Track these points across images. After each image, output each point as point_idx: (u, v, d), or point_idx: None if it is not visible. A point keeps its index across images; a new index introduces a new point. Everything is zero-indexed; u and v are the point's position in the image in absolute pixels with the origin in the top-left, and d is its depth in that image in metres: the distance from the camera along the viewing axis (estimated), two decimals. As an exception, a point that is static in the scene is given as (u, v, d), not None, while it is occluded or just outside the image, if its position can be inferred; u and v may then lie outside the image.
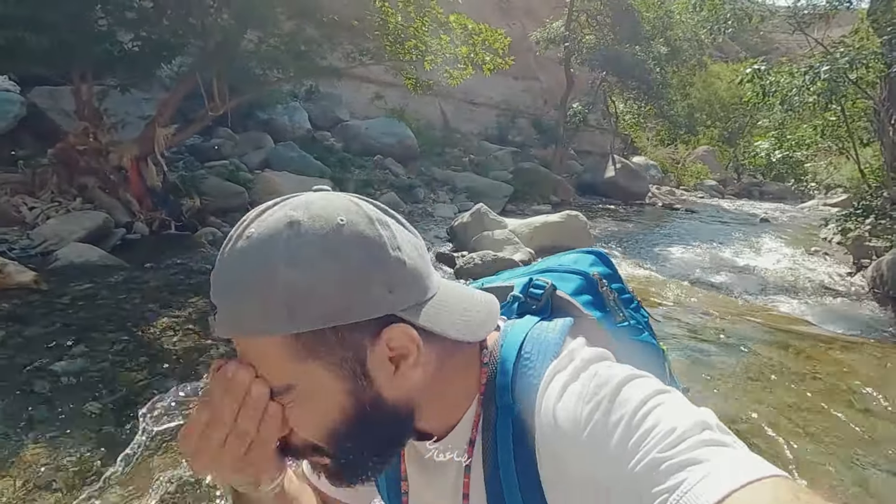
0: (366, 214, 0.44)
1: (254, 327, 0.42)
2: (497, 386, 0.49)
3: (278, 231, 0.42)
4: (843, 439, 2.75)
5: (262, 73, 6.89)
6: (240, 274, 0.42)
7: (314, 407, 0.44)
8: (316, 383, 0.43)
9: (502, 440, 0.47)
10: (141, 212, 6.29)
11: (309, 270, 0.40)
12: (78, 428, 2.46)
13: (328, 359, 0.42)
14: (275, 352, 0.42)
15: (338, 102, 12.44)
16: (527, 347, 0.50)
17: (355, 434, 0.45)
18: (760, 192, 20.02)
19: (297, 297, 0.40)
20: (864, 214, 6.98)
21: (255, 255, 0.41)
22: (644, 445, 0.39)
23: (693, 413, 0.41)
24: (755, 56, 24.91)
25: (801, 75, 6.40)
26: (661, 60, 13.67)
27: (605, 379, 0.44)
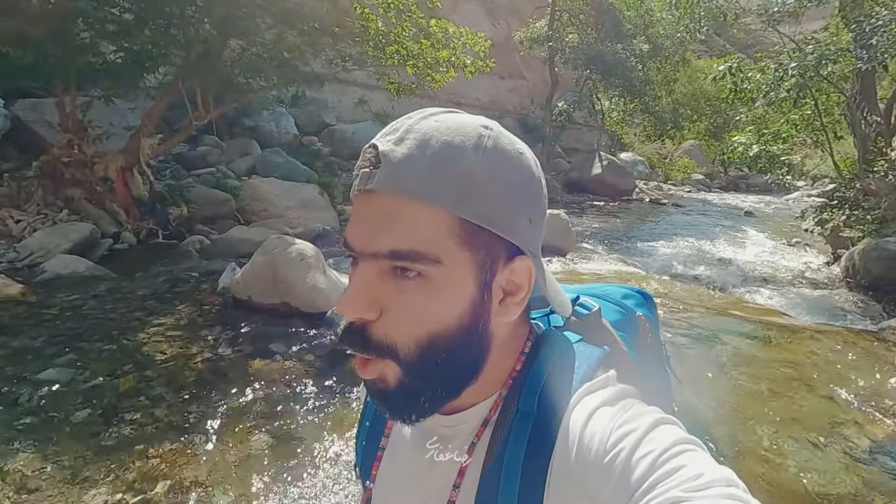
0: (533, 157, 0.48)
1: (426, 192, 0.41)
2: (525, 388, 0.48)
3: (474, 126, 0.44)
4: (805, 424, 2.87)
5: (246, 81, 6.96)
6: (427, 140, 0.42)
7: (435, 299, 0.43)
8: (455, 273, 0.43)
9: (515, 444, 0.46)
10: (128, 222, 6.36)
11: (492, 170, 0.43)
12: (66, 436, 2.55)
13: (476, 256, 0.43)
14: (435, 224, 0.42)
15: (324, 107, 12.51)
16: (565, 360, 0.50)
17: (451, 348, 0.44)
18: (747, 185, 20.25)
19: (474, 185, 0.42)
20: (839, 206, 7.16)
21: (448, 132, 0.43)
22: (665, 483, 0.38)
23: (721, 468, 0.39)
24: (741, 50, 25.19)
25: (771, 72, 6.56)
26: (643, 58, 13.84)
27: (639, 413, 0.44)
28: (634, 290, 0.68)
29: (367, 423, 0.62)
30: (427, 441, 0.53)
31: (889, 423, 2.85)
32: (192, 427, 2.70)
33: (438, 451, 0.51)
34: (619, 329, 0.60)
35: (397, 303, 0.43)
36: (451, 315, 0.43)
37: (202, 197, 7.26)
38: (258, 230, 6.75)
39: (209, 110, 6.75)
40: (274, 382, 3.15)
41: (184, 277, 4.98)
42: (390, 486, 0.57)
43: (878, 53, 5.72)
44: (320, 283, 3.95)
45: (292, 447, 2.58)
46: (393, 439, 0.58)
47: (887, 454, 2.59)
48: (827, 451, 2.61)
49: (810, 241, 8.65)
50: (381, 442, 0.58)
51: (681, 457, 0.39)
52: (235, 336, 3.65)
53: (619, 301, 0.65)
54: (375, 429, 0.60)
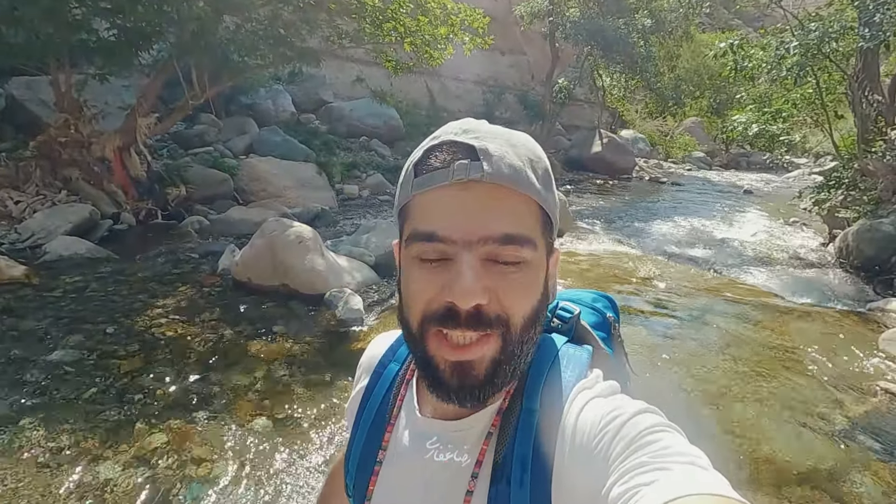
0: None
1: (526, 184, 0.48)
2: (527, 387, 0.53)
3: (522, 134, 0.52)
4: (789, 403, 2.97)
5: (242, 59, 6.87)
6: (513, 139, 0.50)
7: (531, 280, 0.49)
8: (541, 256, 0.50)
9: (523, 437, 0.50)
10: (127, 202, 6.38)
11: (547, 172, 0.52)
12: (74, 415, 2.64)
13: (547, 241, 0.52)
14: (533, 212, 0.49)
15: (321, 84, 12.34)
16: (559, 359, 0.55)
17: (539, 320, 0.52)
18: (748, 163, 20.11)
19: (549, 180, 0.51)
20: (837, 186, 7.16)
21: (515, 134, 0.51)
22: (638, 453, 0.43)
23: (691, 446, 0.44)
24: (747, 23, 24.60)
25: (772, 50, 6.48)
26: (645, 33, 13.58)
27: (626, 403, 0.49)
28: (601, 295, 0.73)
29: (360, 440, 0.62)
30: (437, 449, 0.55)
31: (869, 402, 2.95)
32: (195, 406, 2.80)
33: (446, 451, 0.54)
34: (597, 330, 0.65)
35: (504, 285, 0.47)
36: (541, 292, 0.51)
37: (200, 177, 7.26)
38: (257, 210, 6.77)
39: (205, 89, 6.69)
40: (274, 363, 3.24)
41: (184, 259, 5.04)
42: (393, 495, 0.58)
43: (881, 31, 5.64)
44: (318, 265, 4.01)
45: (293, 426, 2.69)
46: (391, 452, 0.59)
47: (866, 432, 2.69)
48: (809, 429, 2.71)
49: (808, 220, 8.67)
50: (379, 456, 0.59)
51: (656, 435, 0.44)
52: (236, 317, 3.73)
53: (591, 305, 0.70)
54: (371, 443, 0.60)
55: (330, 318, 3.74)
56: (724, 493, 0.38)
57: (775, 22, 15.38)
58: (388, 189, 9.74)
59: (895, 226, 5.67)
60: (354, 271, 4.33)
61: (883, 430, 2.72)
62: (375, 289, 4.34)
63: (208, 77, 6.71)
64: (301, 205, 7.60)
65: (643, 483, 0.40)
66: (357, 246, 4.80)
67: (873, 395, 3.01)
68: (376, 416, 0.62)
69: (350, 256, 4.55)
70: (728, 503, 0.37)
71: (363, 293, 4.14)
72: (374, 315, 3.90)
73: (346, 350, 3.43)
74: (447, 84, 15.95)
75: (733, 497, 0.38)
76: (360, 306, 3.73)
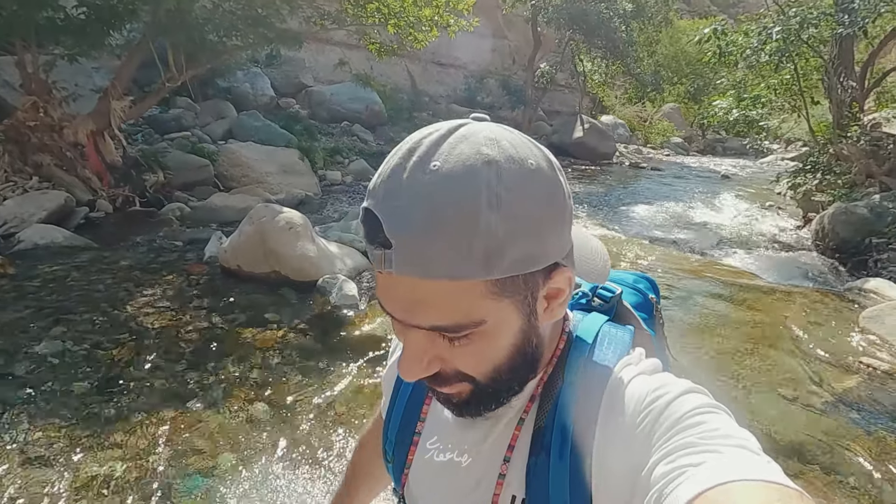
0: (546, 157, 0.44)
1: (445, 272, 0.39)
2: (570, 359, 0.52)
3: (477, 169, 0.38)
4: (775, 380, 3.08)
5: (219, 40, 6.64)
6: (435, 212, 0.37)
7: (488, 344, 0.45)
8: (498, 321, 0.43)
9: (564, 409, 0.49)
10: (102, 189, 6.15)
11: (509, 216, 0.38)
12: (65, 408, 2.56)
13: (516, 297, 0.43)
14: (469, 294, 0.41)
15: (301, 67, 12.07)
16: (602, 337, 0.54)
17: (515, 366, 0.47)
18: (724, 148, 20.53)
19: (496, 244, 0.38)
20: (812, 170, 7.36)
21: (454, 193, 0.38)
22: (685, 433, 0.42)
23: (741, 428, 0.43)
24: (723, 10, 24.93)
25: (755, 35, 6.57)
26: (626, 18, 13.63)
27: (671, 381, 0.48)
28: (642, 276, 0.72)
29: (399, 410, 0.62)
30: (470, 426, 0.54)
31: (851, 378, 3.08)
32: (189, 396, 2.74)
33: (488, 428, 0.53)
34: (638, 311, 0.64)
35: (455, 356, 0.45)
36: (507, 348, 0.46)
37: (179, 162, 7.04)
38: (239, 197, 6.62)
39: (182, 71, 6.46)
40: (268, 351, 3.19)
41: (167, 246, 4.90)
42: (428, 475, 0.58)
43: (858, 18, 5.77)
44: (310, 251, 3.95)
45: (292, 413, 2.66)
46: (430, 423, 0.59)
47: (851, 405, 2.81)
48: (797, 405, 2.82)
49: (783, 204, 8.92)
50: (417, 427, 0.59)
51: (703, 416, 0.43)
52: (226, 306, 3.66)
53: (633, 285, 0.69)
54: (411, 413, 0.61)
55: (324, 305, 3.70)
56: (777, 479, 0.36)
57: (751, 9, 15.63)
58: (371, 175, 9.46)
59: (869, 209, 5.87)
60: (345, 257, 4.28)
61: (866, 403, 2.84)
62: (367, 275, 4.30)
63: (185, 59, 6.47)
64: (284, 191, 7.46)
65: (690, 464, 0.39)
66: (347, 232, 4.74)
67: (856, 370, 3.14)
68: (414, 389, 0.62)
69: (340, 242, 4.49)
70: (781, 491, 0.35)
71: (355, 279, 4.10)
72: (368, 301, 3.87)
73: (342, 336, 3.40)
74: (429, 68, 15.76)
75: (787, 484, 0.36)
76: (354, 292, 3.70)
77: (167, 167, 6.87)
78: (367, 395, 2.83)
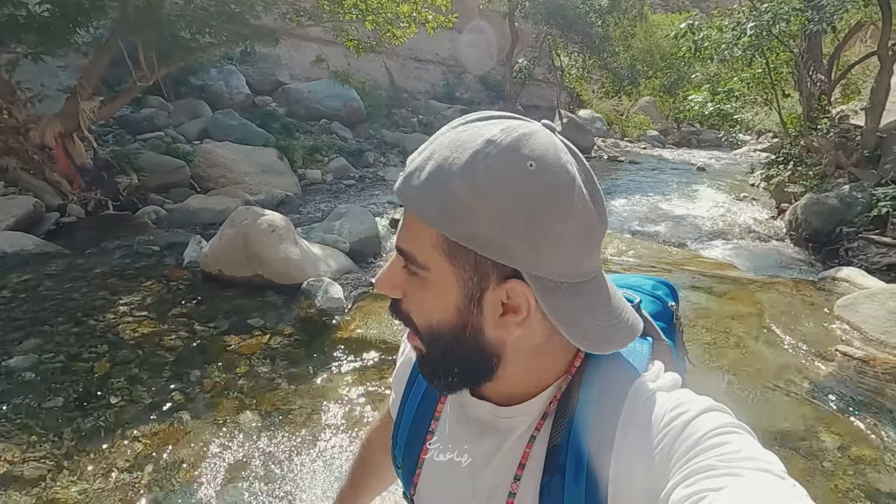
0: (564, 181, 0.43)
1: (416, 210, 0.44)
2: (586, 377, 0.51)
3: (474, 142, 0.43)
4: (756, 370, 3.16)
5: (193, 37, 6.46)
6: (431, 159, 0.44)
7: (429, 297, 0.47)
8: (441, 281, 0.46)
9: (580, 429, 0.48)
10: (73, 193, 5.96)
11: (476, 194, 0.41)
12: (42, 424, 2.47)
13: (459, 270, 0.45)
14: (428, 236, 0.45)
15: (277, 64, 11.84)
16: (620, 352, 0.52)
17: (447, 343, 0.48)
18: (698, 141, 20.89)
19: (457, 209, 0.42)
20: (785, 162, 7.56)
21: (447, 152, 0.43)
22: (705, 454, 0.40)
23: (765, 450, 0.41)
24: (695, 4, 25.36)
25: (729, 30, 6.70)
26: (602, 13, 13.74)
27: (691, 399, 0.46)
28: (661, 282, 0.70)
29: (412, 408, 0.62)
30: (486, 430, 0.54)
31: (829, 365, 3.17)
32: (175, 407, 2.68)
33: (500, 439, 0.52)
34: (657, 320, 0.62)
35: (408, 292, 0.49)
36: (442, 313, 0.47)
37: (153, 164, 6.85)
38: (218, 199, 6.47)
39: (154, 69, 6.27)
40: (255, 357, 3.13)
41: (144, 252, 4.76)
42: (439, 477, 0.58)
43: (826, 13, 5.92)
44: (293, 254, 3.89)
45: (281, 420, 2.62)
46: (442, 425, 0.59)
47: (829, 392, 2.90)
48: (778, 393, 2.89)
49: (757, 195, 9.13)
50: (431, 426, 0.60)
51: (725, 436, 0.41)
52: (209, 311, 3.58)
53: (652, 292, 0.67)
54: (425, 409, 0.61)
55: (309, 308, 3.65)
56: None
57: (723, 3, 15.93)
58: (351, 173, 9.52)
59: (839, 199, 6.06)
60: (329, 259, 4.22)
61: (844, 389, 2.93)
62: (353, 276, 4.26)
63: (157, 56, 6.28)
64: (263, 191, 7.33)
65: (710, 488, 0.37)
66: (330, 233, 4.68)
67: (832, 359, 3.23)
68: (427, 388, 0.61)
69: (324, 244, 4.43)
70: None
71: (341, 281, 4.05)
72: (354, 302, 3.83)
73: (329, 339, 3.36)
74: (406, 64, 15.65)
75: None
76: (340, 295, 3.65)
77: (141, 169, 6.68)
78: (359, 399, 2.80)
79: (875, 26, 9.06)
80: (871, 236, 5.46)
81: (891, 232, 5.31)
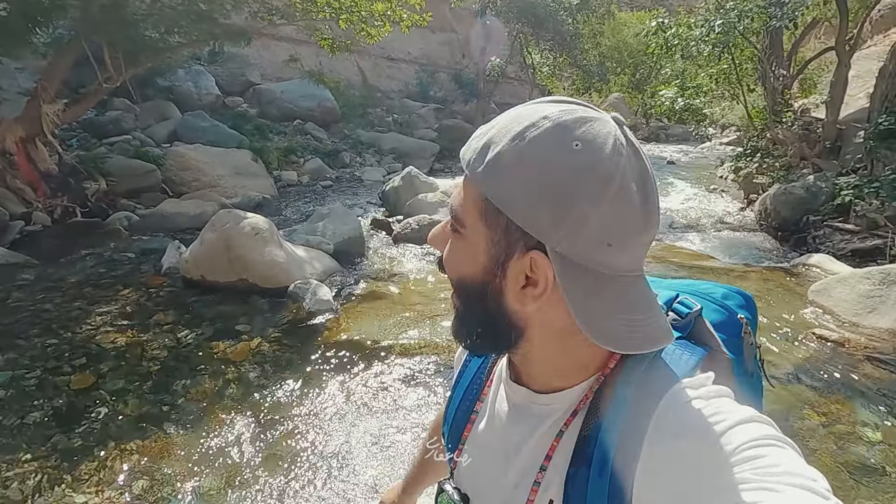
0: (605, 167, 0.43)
1: (469, 168, 0.47)
2: (622, 375, 0.50)
3: (533, 116, 0.45)
4: (738, 355, 3.26)
5: (161, 37, 6.26)
6: (491, 130, 0.47)
7: (461, 253, 0.51)
8: (474, 239, 0.49)
9: (611, 425, 0.48)
10: (38, 200, 5.70)
11: (517, 158, 0.44)
12: (18, 441, 2.37)
13: (491, 232, 0.47)
14: (469, 195, 0.48)
15: (247, 64, 11.58)
16: (666, 354, 0.51)
17: (470, 299, 0.51)
18: (666, 135, 21.40)
19: (498, 167, 0.45)
20: (752, 154, 7.82)
21: (507, 122, 0.46)
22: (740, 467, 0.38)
23: (808, 466, 0.38)
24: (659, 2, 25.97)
25: (698, 27, 6.89)
26: (572, 10, 13.94)
27: (730, 409, 0.44)
28: (734, 291, 0.66)
29: (462, 388, 0.65)
30: (520, 417, 0.55)
31: (807, 349, 3.30)
32: (164, 418, 2.60)
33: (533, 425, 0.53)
34: (719, 330, 0.58)
35: (449, 247, 0.52)
36: (469, 270, 0.50)
37: (121, 168, 6.61)
38: (193, 203, 6.30)
39: (121, 70, 6.05)
40: (244, 364, 3.06)
41: (118, 259, 4.60)
42: (477, 456, 0.59)
43: (789, 10, 6.15)
44: (278, 257, 3.81)
45: (274, 427, 2.56)
46: (486, 407, 0.61)
47: (808, 374, 3.02)
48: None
49: (725, 187, 9.42)
50: (476, 406, 0.62)
51: (763, 449, 0.39)
52: (193, 319, 3.48)
53: (719, 301, 0.63)
54: (473, 390, 0.63)
55: (297, 311, 3.59)
56: None
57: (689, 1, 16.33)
58: (328, 174, 9.41)
59: (805, 189, 6.30)
60: (314, 261, 4.16)
61: (820, 371, 3.06)
62: (339, 277, 4.21)
63: (123, 57, 6.06)
64: (239, 194, 7.17)
65: (743, 502, 0.36)
66: (313, 234, 4.61)
67: (809, 341, 3.37)
68: (478, 369, 0.64)
69: (308, 246, 4.36)
70: None
71: (327, 283, 4.00)
72: (343, 304, 3.79)
73: (320, 342, 3.31)
74: (379, 63, 15.54)
75: None
76: (329, 296, 3.61)
77: (109, 174, 6.44)
78: (354, 400, 2.77)
79: (829, 23, 9.48)
80: (835, 224, 5.70)
81: (853, 219, 5.56)
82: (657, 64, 17.33)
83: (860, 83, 7.91)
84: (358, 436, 2.50)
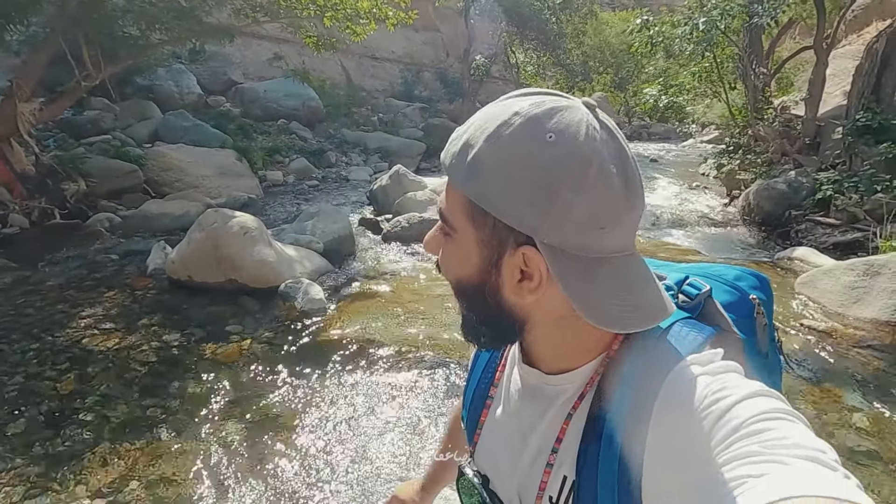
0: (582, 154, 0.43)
1: (450, 174, 0.48)
2: (631, 354, 0.50)
3: (505, 113, 0.46)
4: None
5: (141, 34, 6.12)
6: (467, 132, 0.48)
7: (455, 256, 0.52)
8: (465, 242, 0.50)
9: (619, 403, 0.48)
10: (14, 201, 5.53)
11: (494, 157, 0.45)
12: (7, 449, 2.28)
13: (480, 233, 0.48)
14: (454, 199, 0.49)
15: (229, 63, 11.41)
16: (672, 333, 0.51)
17: (470, 300, 0.52)
18: (648, 134, 21.69)
19: (476, 169, 0.45)
20: (734, 151, 7.96)
21: (480, 123, 0.47)
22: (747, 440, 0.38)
23: (817, 438, 0.38)
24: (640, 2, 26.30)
25: (681, 26, 6.98)
26: (556, 10, 14.03)
27: (737, 384, 0.43)
28: (748, 272, 0.65)
29: (478, 373, 0.66)
30: (533, 398, 0.56)
31: (797, 339, 3.36)
32: (154, 422, 2.53)
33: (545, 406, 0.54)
34: (730, 311, 0.58)
35: (443, 251, 0.53)
36: (464, 272, 0.51)
37: (101, 169, 6.44)
38: (176, 203, 6.17)
39: (100, 68, 5.89)
40: (234, 365, 3.01)
41: (101, 261, 4.47)
42: (495, 437, 0.61)
43: (770, 8, 6.27)
44: (268, 256, 3.75)
45: (265, 430, 2.51)
46: (501, 391, 0.63)
47: (798, 364, 3.07)
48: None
49: (708, 184, 9.58)
50: (491, 391, 0.64)
51: (770, 422, 0.39)
52: (181, 321, 3.40)
53: (731, 282, 0.63)
54: (487, 375, 0.65)
55: (289, 311, 3.53)
56: (853, 498, 0.32)
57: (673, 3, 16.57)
58: (313, 173, 9.31)
59: (787, 184, 6.44)
60: (304, 260, 4.11)
61: (810, 361, 3.12)
62: (329, 276, 4.16)
63: (102, 54, 5.90)
64: (224, 194, 7.05)
65: (750, 474, 0.35)
66: (302, 233, 4.55)
67: (799, 332, 3.43)
68: (492, 355, 0.65)
69: (297, 245, 4.30)
70: None
71: (318, 282, 3.95)
72: (335, 303, 3.74)
73: (312, 341, 3.26)
74: (363, 62, 15.45)
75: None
76: (321, 295, 3.56)
77: (89, 174, 6.26)
78: (348, 398, 2.73)
79: (804, 23, 9.70)
80: (816, 218, 5.83)
81: (834, 213, 5.69)
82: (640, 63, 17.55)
83: (836, 81, 8.11)
84: (352, 435, 2.47)
